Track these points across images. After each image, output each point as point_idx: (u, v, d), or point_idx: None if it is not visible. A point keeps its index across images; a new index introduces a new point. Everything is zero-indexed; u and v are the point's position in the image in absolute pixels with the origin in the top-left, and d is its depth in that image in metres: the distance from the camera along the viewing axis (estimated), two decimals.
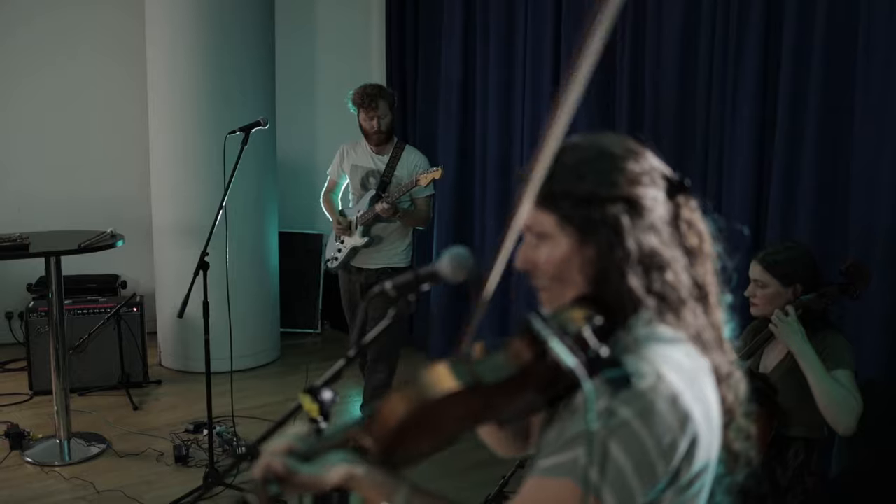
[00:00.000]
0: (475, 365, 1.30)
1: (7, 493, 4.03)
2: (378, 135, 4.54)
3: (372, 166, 4.62)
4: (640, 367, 1.26)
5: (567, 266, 1.36)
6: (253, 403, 4.95)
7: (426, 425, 1.29)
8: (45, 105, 6.31)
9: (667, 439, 1.25)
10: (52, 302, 4.42)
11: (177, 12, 5.56)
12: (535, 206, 1.37)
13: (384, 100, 4.50)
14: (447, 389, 1.27)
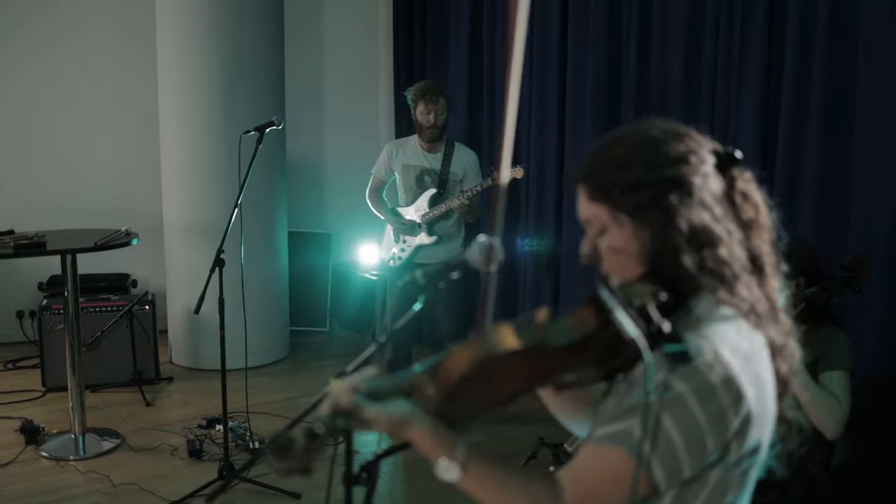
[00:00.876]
0: (540, 328, 1.34)
1: (24, 487, 4.10)
2: (433, 130, 4.62)
3: (426, 165, 4.70)
4: (698, 345, 1.29)
5: (626, 253, 1.41)
6: (264, 399, 5.02)
7: (487, 380, 1.32)
8: (58, 106, 6.40)
9: (719, 416, 1.28)
10: (68, 299, 4.49)
11: (188, 15, 5.64)
12: (589, 200, 1.42)
13: (444, 97, 4.64)
14: (511, 347, 1.31)
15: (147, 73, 6.17)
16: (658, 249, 1.38)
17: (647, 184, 1.37)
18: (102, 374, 5.33)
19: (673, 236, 1.36)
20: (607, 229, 1.42)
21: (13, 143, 6.32)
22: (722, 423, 1.29)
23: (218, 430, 4.62)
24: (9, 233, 4.40)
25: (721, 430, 1.29)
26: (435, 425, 1.37)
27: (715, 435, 1.29)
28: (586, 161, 1.45)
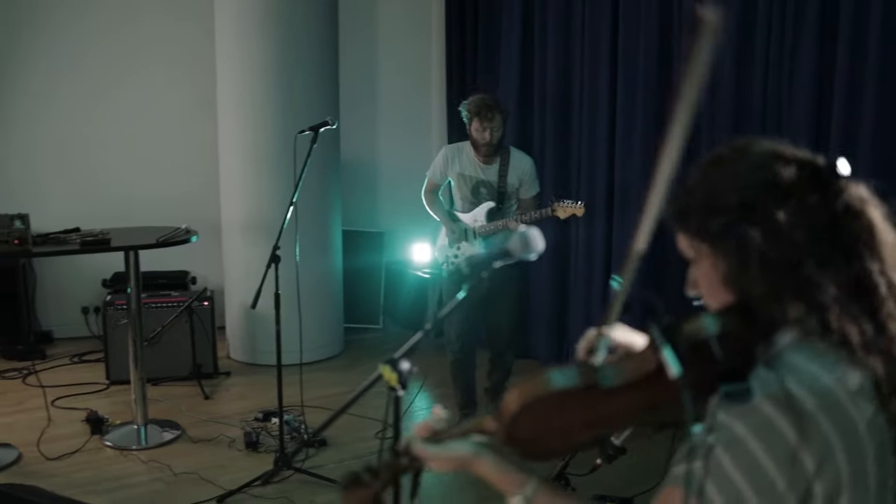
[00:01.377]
0: (598, 369, 1.33)
1: (90, 474, 4.26)
2: (488, 147, 4.51)
3: (481, 177, 4.60)
4: (766, 382, 1.20)
5: (709, 282, 1.34)
6: (318, 394, 5.11)
7: (543, 418, 1.33)
8: (122, 109, 6.60)
9: (788, 457, 1.18)
10: (131, 295, 4.64)
11: (245, 19, 5.78)
12: (675, 229, 1.38)
13: (500, 113, 4.49)
14: (560, 386, 1.31)
15: (206, 77, 6.32)
16: (735, 279, 1.30)
17: (719, 210, 1.29)
18: (163, 368, 5.49)
19: (749, 265, 1.27)
20: (694, 259, 1.37)
21: (77, 143, 6.54)
22: (791, 463, 1.18)
23: (274, 423, 4.74)
24: (75, 230, 4.56)
25: (791, 471, 1.18)
26: (500, 462, 1.40)
27: (785, 476, 1.18)
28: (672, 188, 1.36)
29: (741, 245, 1.27)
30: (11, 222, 4.14)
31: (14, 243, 4.13)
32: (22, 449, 4.54)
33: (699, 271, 1.36)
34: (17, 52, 6.35)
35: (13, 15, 6.32)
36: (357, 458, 4.41)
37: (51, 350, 6.32)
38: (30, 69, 6.38)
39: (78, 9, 6.43)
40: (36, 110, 6.43)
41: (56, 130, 6.48)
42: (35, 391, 5.47)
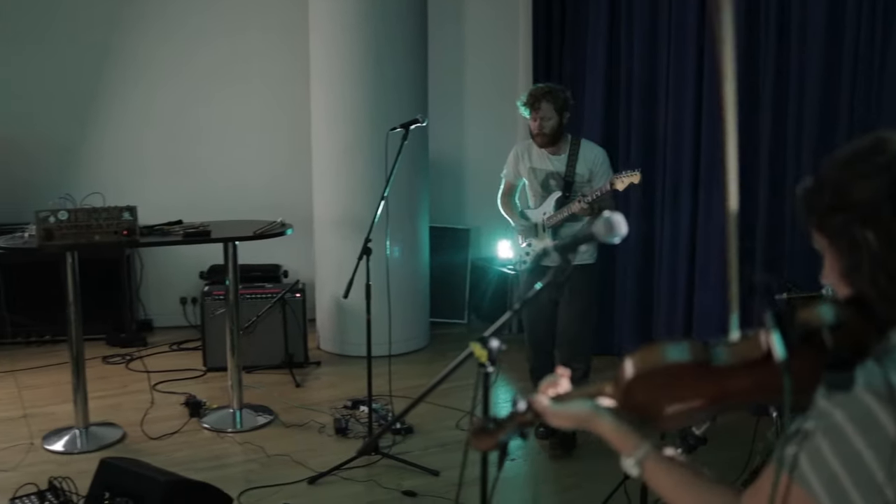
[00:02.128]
0: (710, 347, 1.40)
1: (189, 453, 4.49)
2: (541, 137, 4.45)
3: (550, 168, 4.53)
4: (871, 374, 1.21)
5: (833, 275, 1.37)
6: (405, 384, 5.24)
7: (655, 387, 1.42)
8: (219, 107, 6.88)
9: (886, 449, 1.18)
10: (229, 285, 4.87)
11: (337, 16, 5.98)
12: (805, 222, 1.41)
13: (547, 101, 4.38)
14: (673, 359, 1.40)
15: (300, 76, 6.54)
16: (852, 274, 1.32)
17: (839, 208, 1.31)
18: (257, 357, 5.71)
19: (860, 266, 1.29)
20: (821, 251, 1.38)
21: (180, 141, 6.85)
22: (893, 458, 1.18)
23: (362, 411, 4.92)
24: (177, 222, 4.81)
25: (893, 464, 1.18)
26: (618, 424, 1.48)
27: (885, 470, 1.19)
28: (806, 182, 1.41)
29: (854, 245, 1.29)
30: (120, 214, 4.40)
31: (123, 234, 4.39)
32: (126, 428, 4.81)
33: (826, 263, 1.38)
34: (127, 54, 6.70)
35: (122, 18, 6.66)
36: (441, 446, 4.56)
37: (151, 338, 6.63)
38: (138, 70, 6.73)
39: (181, 10, 6.74)
40: (143, 110, 6.78)
41: (161, 129, 6.81)
42: (137, 375, 5.78)
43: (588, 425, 1.53)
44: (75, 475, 3.96)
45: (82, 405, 4.69)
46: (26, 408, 5.08)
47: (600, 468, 4.21)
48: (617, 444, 1.50)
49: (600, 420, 1.51)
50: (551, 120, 4.41)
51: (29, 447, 4.57)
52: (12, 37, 6.53)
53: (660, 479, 1.46)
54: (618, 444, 1.50)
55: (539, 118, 4.41)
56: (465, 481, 3.97)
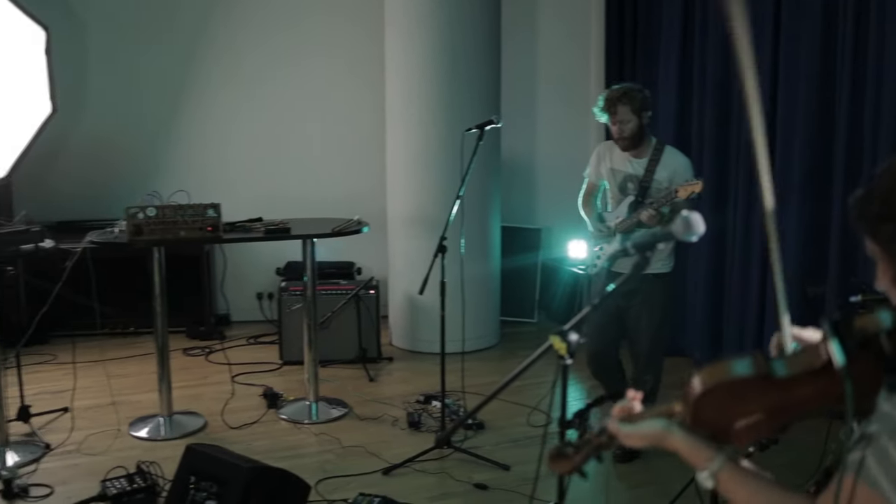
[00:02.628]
0: (770, 360, 1.45)
1: (268, 443, 4.65)
2: (622, 141, 4.32)
3: (630, 171, 4.39)
4: None
5: (887, 282, 1.39)
6: (475, 381, 5.31)
7: (723, 402, 1.47)
8: (298, 108, 7.07)
9: None
10: (307, 281, 5.01)
11: (413, 19, 6.10)
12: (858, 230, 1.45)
13: (623, 104, 4.25)
14: (738, 374, 1.45)
15: (376, 78, 6.67)
16: None
17: (890, 217, 1.33)
18: (331, 351, 5.85)
19: None
20: (874, 258, 1.41)
21: (261, 140, 7.06)
22: None
23: (434, 406, 5.02)
24: (258, 220, 4.97)
25: None
26: (689, 439, 1.53)
27: None
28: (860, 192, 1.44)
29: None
30: (205, 211, 4.57)
31: (207, 230, 4.56)
32: (207, 418, 5.00)
33: (879, 270, 1.41)
34: (210, 60, 6.95)
35: (207, 26, 6.90)
36: (512, 441, 4.63)
37: (228, 332, 6.84)
38: (221, 75, 6.97)
39: (262, 18, 6.94)
40: (225, 112, 7.02)
41: (241, 129, 7.04)
42: (216, 367, 5.97)
43: (661, 443, 1.58)
44: (160, 460, 4.15)
45: (167, 394, 4.89)
46: (114, 395, 5.31)
47: (671, 465, 4.24)
48: (691, 458, 1.54)
49: (673, 437, 1.55)
50: (630, 122, 4.26)
51: (117, 433, 4.79)
52: (106, 45, 6.83)
53: (734, 489, 1.49)
54: (691, 458, 1.54)
55: (618, 122, 4.27)
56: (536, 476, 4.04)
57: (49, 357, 6.11)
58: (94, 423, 4.92)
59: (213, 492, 3.53)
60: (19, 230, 4.33)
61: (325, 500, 3.93)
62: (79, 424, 4.85)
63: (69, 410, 5.03)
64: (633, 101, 4.25)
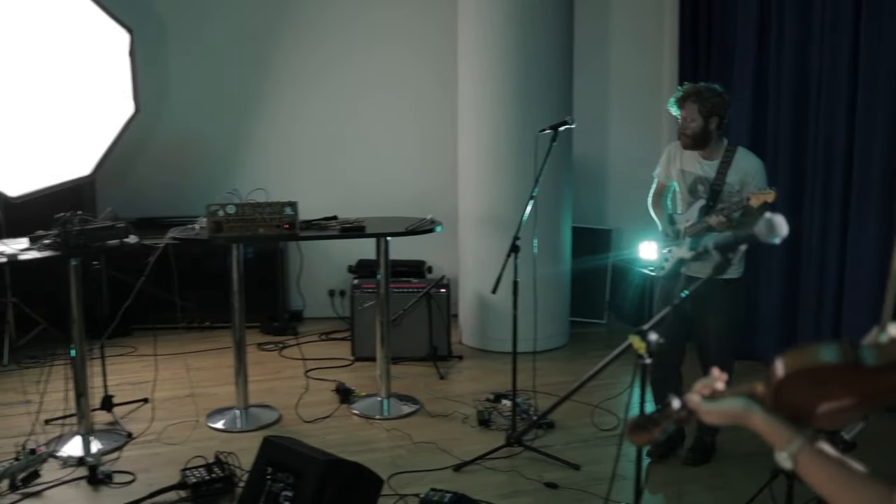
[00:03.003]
0: (859, 348, 1.45)
1: (341, 437, 4.74)
2: (683, 138, 4.25)
3: (699, 173, 4.29)
4: None
5: None
6: (545, 381, 5.32)
7: (805, 387, 1.48)
8: (371, 109, 7.17)
9: None
10: (381, 279, 5.09)
11: (486, 19, 6.13)
12: None
13: (692, 102, 4.17)
14: (824, 360, 1.45)
15: (448, 77, 6.74)
16: None
17: None
18: (402, 349, 5.90)
19: None
20: None
21: (333, 140, 7.18)
22: None
23: (504, 404, 5.06)
24: (332, 218, 5.06)
25: None
26: (770, 419, 1.54)
27: None
28: None
29: None
30: (283, 209, 4.67)
31: (285, 228, 4.67)
32: (282, 411, 5.11)
33: None
34: (285, 61, 7.10)
35: (280, 29, 7.04)
36: (581, 441, 4.64)
37: (301, 328, 6.96)
38: (296, 77, 7.11)
39: (332, 17, 7.06)
40: (301, 113, 7.15)
41: (316, 130, 7.17)
42: (289, 362, 6.11)
43: (741, 421, 1.59)
44: (236, 451, 4.26)
45: (243, 387, 5.01)
46: (193, 387, 5.46)
47: (743, 470, 4.22)
48: (770, 438, 1.55)
49: (753, 415, 1.56)
50: (694, 122, 4.19)
51: (195, 424, 4.93)
52: (186, 46, 7.03)
53: (813, 472, 1.50)
54: (771, 438, 1.55)
55: (684, 118, 4.21)
56: (608, 476, 4.06)
57: (130, 349, 6.31)
58: (173, 414, 5.08)
59: (289, 483, 3.62)
60: (106, 226, 4.48)
61: (396, 495, 4.00)
62: (159, 415, 5.01)
63: (149, 401, 5.19)
64: (701, 102, 4.17)
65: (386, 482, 3.93)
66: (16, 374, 5.80)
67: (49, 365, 5.24)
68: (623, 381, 5.50)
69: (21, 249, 4.33)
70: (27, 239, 4.46)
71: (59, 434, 4.68)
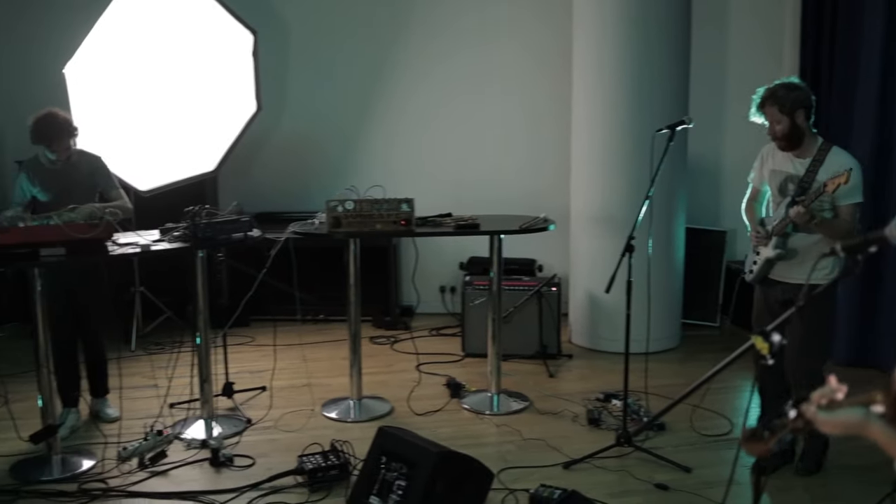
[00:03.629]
0: None
1: (451, 431, 4.81)
2: (777, 141, 4.13)
3: (790, 171, 4.15)
4: None
5: None
6: (655, 382, 5.27)
7: None
8: (480, 106, 7.25)
9: None
10: (493, 276, 5.13)
11: (601, 17, 6.12)
12: None
13: (771, 104, 4.06)
14: None
15: (562, 76, 6.74)
16: None
17: None
18: (512, 346, 5.93)
19: None
20: None
21: (447, 138, 7.29)
22: None
23: (614, 404, 5.05)
24: (447, 215, 5.14)
25: None
26: (889, 430, 1.55)
27: None
28: None
29: None
30: (399, 205, 4.78)
31: (401, 224, 4.77)
32: (394, 403, 5.22)
33: None
34: (401, 62, 7.24)
35: (395, 30, 7.18)
36: (691, 444, 4.59)
37: (412, 323, 7.08)
38: (412, 76, 7.26)
39: (445, 17, 7.16)
40: (416, 111, 7.31)
41: (430, 128, 7.31)
42: (401, 356, 6.23)
43: (859, 431, 1.59)
44: (350, 440, 4.37)
45: (357, 379, 5.14)
46: (309, 377, 5.63)
47: (855, 480, 4.11)
48: (889, 449, 1.56)
49: (871, 427, 1.56)
50: (780, 123, 4.06)
51: (311, 413, 5.09)
52: (306, 46, 7.25)
53: None
54: (890, 450, 1.55)
55: (771, 121, 4.10)
56: (719, 480, 4.03)
57: (248, 339, 6.54)
58: (290, 402, 5.25)
59: (402, 472, 3.72)
60: (231, 219, 4.67)
61: (506, 489, 4.04)
62: (276, 403, 5.20)
63: (266, 389, 5.39)
64: (780, 101, 4.05)
65: (496, 476, 3.98)
66: (143, 359, 6.10)
67: (176, 352, 5.48)
68: (734, 384, 5.42)
69: (153, 241, 4.55)
70: (157, 231, 4.68)
71: (184, 417, 4.91)
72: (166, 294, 6.73)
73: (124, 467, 4.34)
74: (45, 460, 4.37)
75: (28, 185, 4.71)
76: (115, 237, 4.45)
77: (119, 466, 4.34)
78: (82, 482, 4.17)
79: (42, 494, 4.06)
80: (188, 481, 4.21)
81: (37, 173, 4.71)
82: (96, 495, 4.05)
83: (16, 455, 4.50)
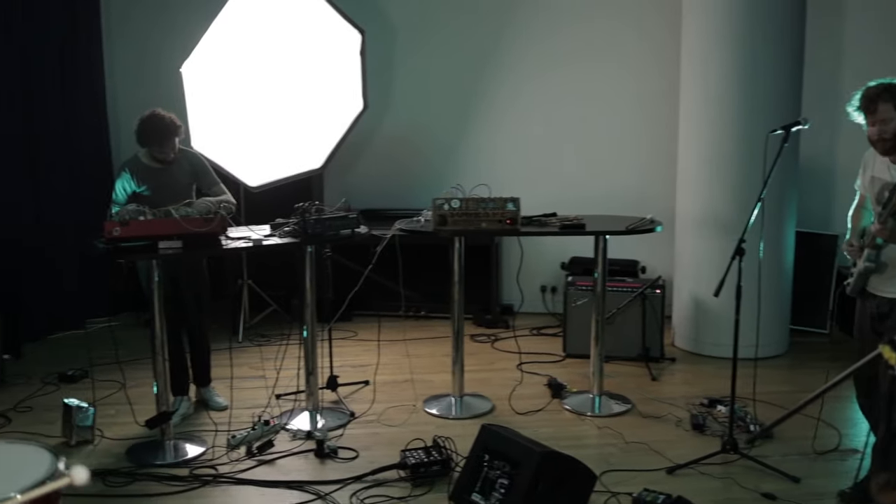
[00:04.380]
0: None
1: (552, 431, 4.80)
2: (881, 144, 3.76)
3: (887, 178, 3.81)
4: None
5: None
6: (763, 389, 5.15)
7: None
8: (586, 107, 7.21)
9: None
10: (598, 277, 5.10)
11: (711, 15, 6.01)
12: None
13: (885, 101, 3.70)
14: None
15: (670, 76, 6.65)
16: None
17: None
18: (614, 347, 5.89)
19: None
20: None
21: (551, 139, 7.28)
22: None
23: (719, 410, 4.96)
24: (552, 215, 5.13)
25: None
26: None
27: None
28: None
29: None
30: (505, 204, 4.79)
31: (507, 223, 4.79)
32: (495, 402, 5.24)
33: None
34: (506, 64, 7.26)
35: (500, 35, 7.20)
36: (800, 454, 4.47)
37: (512, 322, 7.09)
38: (517, 78, 7.28)
39: (549, 20, 7.15)
40: (520, 112, 7.34)
41: (537, 127, 7.33)
42: (501, 354, 6.26)
43: None
44: (451, 437, 4.41)
45: (459, 376, 5.18)
46: (412, 373, 5.70)
47: None
48: None
49: None
50: (893, 122, 3.69)
51: (412, 408, 5.16)
52: (411, 45, 7.34)
53: None
54: None
55: (877, 122, 3.72)
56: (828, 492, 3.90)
57: (351, 333, 6.66)
58: (393, 397, 5.33)
59: (505, 471, 3.73)
60: (339, 216, 4.75)
61: (608, 492, 4.01)
62: (379, 397, 5.28)
63: (369, 384, 5.47)
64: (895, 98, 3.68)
65: (598, 479, 3.96)
66: (249, 350, 6.27)
67: (284, 344, 5.62)
68: (843, 394, 5.24)
69: (264, 235, 4.67)
70: (268, 226, 4.80)
71: (291, 408, 5.03)
72: (272, 288, 6.91)
73: (233, 455, 4.47)
74: (159, 445, 4.55)
75: (129, 184, 4.81)
76: (228, 231, 4.59)
77: (228, 454, 4.48)
78: (193, 467, 4.32)
79: (156, 478, 4.22)
80: (294, 471, 4.31)
81: (139, 172, 4.83)
82: (207, 481, 4.19)
83: (132, 439, 4.68)
